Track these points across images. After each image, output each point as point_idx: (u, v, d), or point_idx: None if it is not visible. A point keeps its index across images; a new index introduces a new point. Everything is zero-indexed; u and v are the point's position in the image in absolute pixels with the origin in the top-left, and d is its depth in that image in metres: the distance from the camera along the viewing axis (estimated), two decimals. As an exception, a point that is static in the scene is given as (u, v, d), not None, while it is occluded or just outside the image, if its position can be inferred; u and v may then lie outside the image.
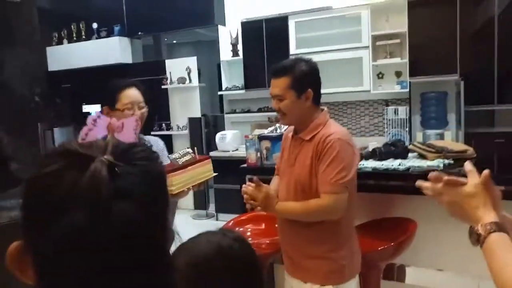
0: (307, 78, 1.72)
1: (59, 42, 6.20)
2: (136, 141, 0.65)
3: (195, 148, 1.72)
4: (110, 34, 5.80)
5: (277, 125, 2.69)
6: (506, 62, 3.92)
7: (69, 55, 6.01)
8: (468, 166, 0.94)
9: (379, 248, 1.96)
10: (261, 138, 2.59)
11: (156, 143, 1.98)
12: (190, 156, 1.62)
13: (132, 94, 1.78)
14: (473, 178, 0.90)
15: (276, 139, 2.45)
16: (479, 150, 2.60)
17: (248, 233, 2.30)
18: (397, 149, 2.45)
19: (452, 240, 2.05)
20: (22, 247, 0.51)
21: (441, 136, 4.10)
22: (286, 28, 4.80)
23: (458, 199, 0.90)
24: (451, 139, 4.05)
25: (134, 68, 5.81)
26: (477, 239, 0.85)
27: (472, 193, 0.89)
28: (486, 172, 0.90)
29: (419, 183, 0.96)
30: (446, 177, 0.92)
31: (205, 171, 1.68)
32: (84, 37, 6.00)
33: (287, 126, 2.09)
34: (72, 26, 6.07)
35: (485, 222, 0.85)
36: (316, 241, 1.73)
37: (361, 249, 1.84)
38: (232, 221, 2.40)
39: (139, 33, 5.80)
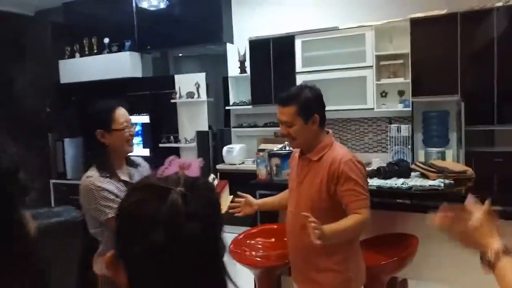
0: (312, 104, 1.85)
1: (71, 56, 6.38)
2: (199, 176, 0.79)
3: (218, 173, 1.92)
4: (121, 49, 5.98)
5: (286, 142, 2.83)
6: (505, 83, 4.07)
7: (80, 68, 6.18)
8: (470, 201, 1.09)
9: (383, 263, 2.08)
10: (271, 155, 2.73)
11: (143, 163, 2.06)
12: (216, 180, 1.79)
13: (124, 112, 1.86)
14: (477, 211, 1.06)
15: (285, 157, 2.59)
16: (479, 169, 2.74)
17: (259, 246, 2.43)
18: (400, 169, 2.59)
19: (452, 254, 2.16)
20: (115, 255, 0.66)
21: (443, 154, 4.22)
22: (293, 47, 4.96)
23: (468, 231, 1.05)
24: (452, 157, 4.18)
25: (144, 82, 5.98)
26: (488, 265, 0.99)
27: (479, 224, 1.04)
28: (486, 203, 1.07)
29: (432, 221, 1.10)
30: (451, 214, 1.08)
31: (227, 192, 1.85)
32: (95, 51, 6.18)
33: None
34: (84, 41, 6.26)
35: (494, 249, 0.99)
36: (326, 254, 1.85)
37: (365, 262, 1.96)
38: (242, 234, 2.52)
39: (149, 47, 5.98)
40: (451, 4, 4.30)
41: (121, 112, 1.84)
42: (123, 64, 5.89)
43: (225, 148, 5.37)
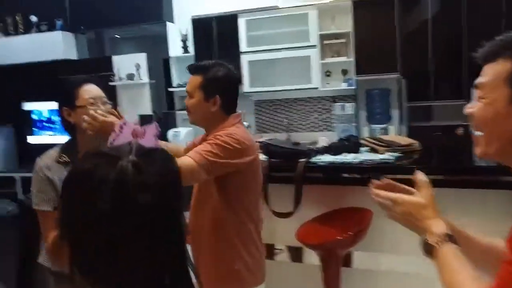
0: (217, 83, 1.68)
1: (-7, 36, 5.80)
2: (156, 146, 0.72)
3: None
4: (51, 28, 5.53)
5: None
6: (440, 62, 4.27)
7: (4, 49, 5.64)
8: (419, 176, 0.95)
9: (338, 237, 2.09)
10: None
11: None
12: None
13: (93, 88, 1.63)
14: (424, 189, 0.93)
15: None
16: (420, 142, 2.84)
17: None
18: (350, 144, 2.62)
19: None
20: (59, 235, 0.59)
21: (385, 130, 4.38)
22: (236, 26, 4.86)
23: (410, 210, 0.92)
24: (394, 133, 4.35)
25: (79, 64, 5.59)
26: (429, 250, 0.88)
27: (423, 204, 0.91)
28: (430, 185, 0.95)
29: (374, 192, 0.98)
30: (388, 181, 0.99)
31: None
32: (22, 30, 5.67)
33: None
34: (7, 19, 5.71)
35: (437, 233, 0.88)
36: None
37: (321, 238, 1.96)
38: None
39: (82, 28, 5.59)
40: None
41: (88, 88, 1.61)
42: (55, 45, 5.46)
43: (170, 132, 5.20)
